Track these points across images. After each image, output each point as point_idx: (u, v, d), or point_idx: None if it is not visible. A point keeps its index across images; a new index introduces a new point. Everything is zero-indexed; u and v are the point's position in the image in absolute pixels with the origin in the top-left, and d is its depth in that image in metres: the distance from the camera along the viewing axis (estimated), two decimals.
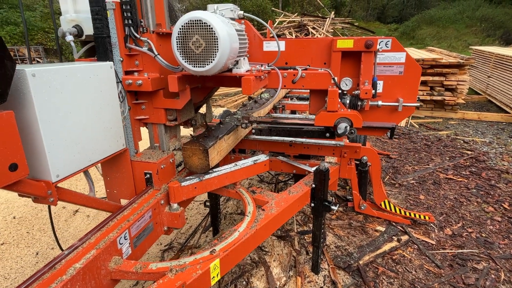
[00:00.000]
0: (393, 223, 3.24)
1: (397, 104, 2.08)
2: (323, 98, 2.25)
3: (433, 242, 2.98)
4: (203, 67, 1.67)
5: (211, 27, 1.58)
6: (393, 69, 2.05)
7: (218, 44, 1.60)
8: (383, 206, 3.28)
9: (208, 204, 2.84)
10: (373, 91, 2.00)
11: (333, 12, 18.06)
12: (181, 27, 1.62)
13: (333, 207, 2.24)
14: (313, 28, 14.77)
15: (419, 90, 7.45)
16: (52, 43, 17.37)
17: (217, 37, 1.59)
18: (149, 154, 2.11)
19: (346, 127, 2.06)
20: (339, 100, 2.08)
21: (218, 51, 1.62)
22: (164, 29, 1.95)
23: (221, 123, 2.46)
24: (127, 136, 2.00)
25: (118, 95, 1.85)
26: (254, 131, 2.40)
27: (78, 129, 1.56)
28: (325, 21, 15.91)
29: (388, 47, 1.99)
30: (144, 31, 1.88)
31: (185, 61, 1.69)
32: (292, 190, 2.24)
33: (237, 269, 2.54)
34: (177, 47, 1.66)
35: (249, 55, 2.27)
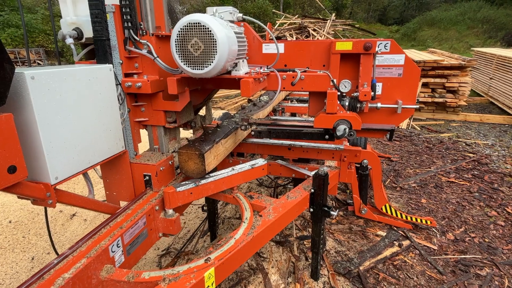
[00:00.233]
0: (394, 228, 3.19)
1: (396, 106, 2.08)
2: (322, 100, 2.25)
3: (435, 248, 2.92)
4: (201, 69, 1.67)
5: (209, 30, 1.58)
6: (392, 71, 2.05)
7: (216, 46, 1.60)
8: (384, 210, 3.23)
9: (206, 208, 2.79)
10: (372, 93, 2.01)
11: (334, 14, 18.03)
12: (180, 29, 1.63)
13: (332, 212, 2.20)
14: (314, 30, 14.74)
15: (420, 92, 7.40)
16: (53, 45, 17.42)
17: (215, 39, 1.59)
18: (148, 156, 2.10)
19: (345, 129, 2.05)
20: (338, 102, 2.08)
21: (216, 53, 1.62)
22: (164, 31, 1.96)
23: (218, 127, 2.42)
24: (126, 138, 2.00)
25: (118, 97, 1.85)
26: (254, 133, 2.39)
27: (77, 131, 1.56)
28: (326, 23, 15.88)
29: (387, 49, 2.00)
30: (144, 33, 1.89)
31: (184, 64, 1.69)
32: (290, 195, 2.20)
33: (234, 276, 2.49)
34: (176, 49, 1.67)
35: (249, 57, 2.27)
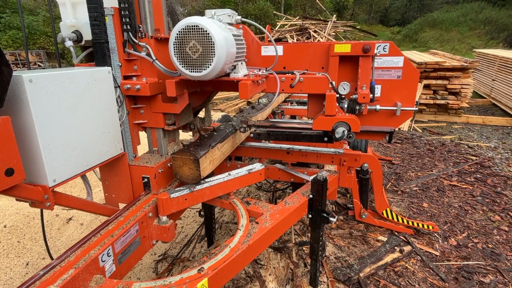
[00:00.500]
0: (396, 233, 3.13)
1: (395, 108, 2.07)
2: (321, 103, 2.23)
3: (437, 253, 2.86)
4: (200, 72, 1.68)
5: (207, 32, 1.59)
6: (391, 73, 2.04)
7: (214, 49, 1.61)
8: (385, 214, 3.17)
9: (203, 213, 2.74)
10: (371, 95, 2.00)
11: (335, 16, 17.98)
12: (178, 32, 1.63)
13: (331, 218, 2.15)
14: (315, 32, 14.69)
15: (422, 94, 7.34)
16: (54, 47, 17.44)
17: (213, 42, 1.59)
18: (147, 158, 2.09)
19: (344, 131, 2.03)
20: (337, 105, 2.06)
21: (214, 56, 1.62)
22: (163, 34, 1.95)
23: (215, 131, 2.37)
24: (125, 140, 2.00)
25: (116, 100, 1.84)
26: (252, 135, 2.37)
27: (76, 134, 1.55)
28: (327, 24, 15.83)
29: (386, 51, 1.99)
30: (143, 36, 1.88)
31: (182, 66, 1.69)
32: (288, 201, 2.14)
33: (230, 284, 2.43)
34: (174, 52, 1.67)
35: (247, 60, 2.26)
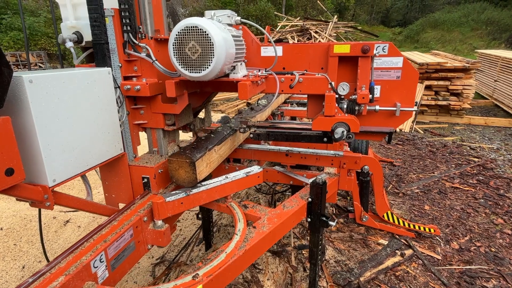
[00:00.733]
0: (397, 236, 3.09)
1: (394, 108, 2.06)
2: (320, 103, 2.22)
3: (439, 257, 2.81)
4: (199, 72, 1.69)
5: (206, 33, 1.60)
6: (390, 74, 2.03)
7: (213, 50, 1.62)
8: (385, 217, 3.13)
9: (200, 216, 2.70)
10: (370, 95, 1.99)
11: (336, 16, 17.93)
12: (178, 33, 1.64)
13: (331, 222, 2.11)
14: (316, 32, 14.65)
15: (423, 95, 7.28)
16: (55, 48, 17.48)
17: (212, 43, 1.61)
18: (147, 158, 2.08)
19: (343, 131, 2.03)
20: (336, 105, 2.06)
21: (213, 56, 1.63)
22: (163, 35, 1.96)
23: (212, 133, 2.33)
24: (125, 140, 1.99)
25: (116, 100, 1.84)
26: (252, 135, 2.35)
27: (76, 134, 1.56)
28: (328, 25, 15.79)
29: (385, 52, 1.98)
30: (143, 37, 1.89)
31: (182, 67, 1.70)
32: (286, 205, 2.10)
33: None
34: (174, 52, 1.68)
35: (247, 60, 2.25)
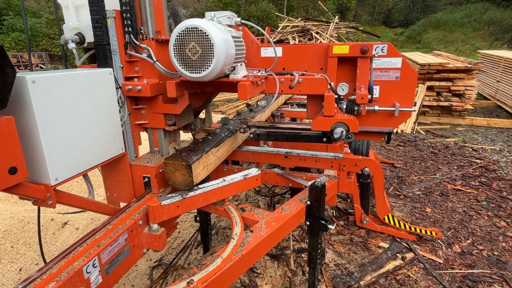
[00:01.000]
0: (398, 239, 3.04)
1: (393, 109, 2.07)
2: (320, 103, 2.23)
3: (441, 261, 2.77)
4: (199, 73, 1.71)
5: (207, 34, 1.62)
6: (389, 74, 2.04)
7: (213, 50, 1.64)
8: (386, 220, 3.09)
9: (198, 219, 2.67)
10: (369, 96, 1.99)
11: (337, 17, 17.88)
12: (178, 34, 1.66)
13: (330, 226, 2.07)
14: (317, 33, 14.62)
15: (425, 96, 7.23)
16: (56, 49, 17.52)
17: (212, 44, 1.63)
18: (148, 158, 2.11)
19: (342, 131, 2.03)
20: (335, 105, 2.06)
21: (214, 57, 1.65)
22: (163, 36, 1.98)
23: (209, 135, 2.30)
24: (127, 140, 2.01)
25: (118, 101, 1.87)
26: (252, 136, 2.33)
27: (78, 134, 1.58)
28: (329, 25, 15.75)
29: (384, 52, 1.97)
30: (144, 38, 1.91)
31: (182, 67, 1.73)
32: (285, 208, 2.06)
33: None
34: (174, 53, 1.71)
35: (247, 61, 2.26)
